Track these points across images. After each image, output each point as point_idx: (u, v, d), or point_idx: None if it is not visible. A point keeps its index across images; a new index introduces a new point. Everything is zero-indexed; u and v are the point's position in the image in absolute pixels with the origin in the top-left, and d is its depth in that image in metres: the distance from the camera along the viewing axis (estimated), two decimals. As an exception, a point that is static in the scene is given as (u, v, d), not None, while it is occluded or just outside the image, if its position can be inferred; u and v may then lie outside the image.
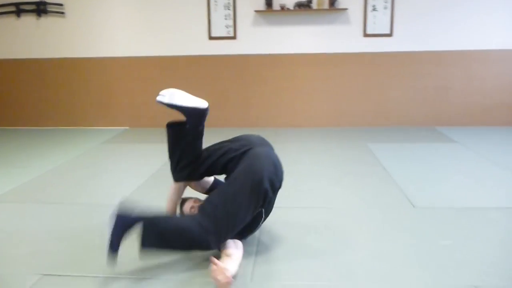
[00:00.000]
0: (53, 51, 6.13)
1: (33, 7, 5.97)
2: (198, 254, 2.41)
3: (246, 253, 2.40)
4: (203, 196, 2.61)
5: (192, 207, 2.54)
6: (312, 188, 3.57)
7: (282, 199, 3.26)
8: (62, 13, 6.00)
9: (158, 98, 2.39)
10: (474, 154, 4.53)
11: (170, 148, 2.54)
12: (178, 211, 2.63)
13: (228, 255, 2.20)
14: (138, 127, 6.20)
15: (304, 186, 3.61)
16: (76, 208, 3.23)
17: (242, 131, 5.87)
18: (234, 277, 2.10)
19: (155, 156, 4.61)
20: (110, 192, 3.58)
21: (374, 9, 5.71)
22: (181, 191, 2.61)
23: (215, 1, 5.80)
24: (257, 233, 2.67)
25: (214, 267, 2.03)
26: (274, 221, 2.79)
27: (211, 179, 2.71)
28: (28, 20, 6.07)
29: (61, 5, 5.97)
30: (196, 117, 2.44)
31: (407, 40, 5.75)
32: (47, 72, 6.19)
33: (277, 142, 4.19)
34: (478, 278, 2.16)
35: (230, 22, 5.86)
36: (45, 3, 5.93)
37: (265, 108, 6.05)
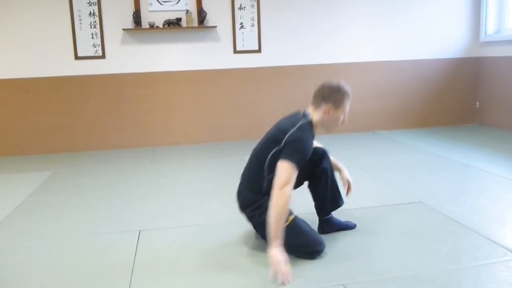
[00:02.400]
0: None
1: None
2: None
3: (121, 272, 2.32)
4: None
5: None
6: (191, 206, 3.56)
7: (161, 218, 3.23)
8: None
9: None
10: (339, 158, 4.86)
11: None
12: None
13: None
14: (-1, 156, 5.68)
15: (183, 204, 3.59)
16: None
17: (116, 152, 5.72)
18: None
19: (20, 187, 4.24)
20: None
21: (242, 27, 5.91)
22: None
23: (80, 20, 5.55)
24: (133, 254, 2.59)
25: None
26: (152, 241, 2.72)
27: None
28: None
29: None
30: None
31: (274, 55, 6.04)
32: None
33: (154, 162, 4.11)
34: (345, 276, 2.31)
35: (98, 41, 5.65)
36: None
37: (140, 128, 5.91)
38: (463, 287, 2.18)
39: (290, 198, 2.28)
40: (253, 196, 2.57)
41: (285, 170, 2.31)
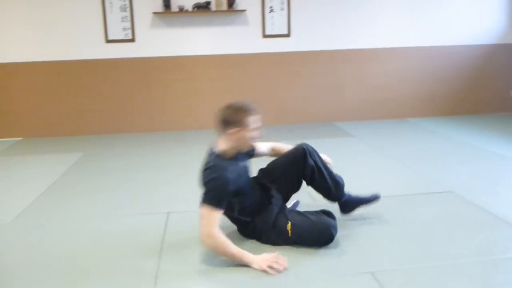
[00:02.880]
0: None
1: None
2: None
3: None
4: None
5: None
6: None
7: (189, 201, 3.26)
8: None
9: None
10: (368, 146, 4.82)
11: None
12: None
13: None
14: (33, 137, 5.81)
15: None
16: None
17: (144, 136, 5.78)
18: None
19: (52, 167, 4.35)
20: (2, 209, 3.32)
21: (272, 11, 5.85)
22: None
23: (111, 3, 5.60)
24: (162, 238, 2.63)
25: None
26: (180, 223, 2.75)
27: None
28: None
29: None
30: None
31: (304, 40, 5.97)
32: None
33: (181, 145, 4.17)
34: (373, 264, 2.30)
35: (128, 25, 5.69)
36: None
37: (167, 112, 5.96)
38: (494, 280, 2.14)
39: (216, 238, 2.28)
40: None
41: (202, 218, 2.31)
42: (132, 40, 5.72)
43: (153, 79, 5.85)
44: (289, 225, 2.49)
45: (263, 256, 2.30)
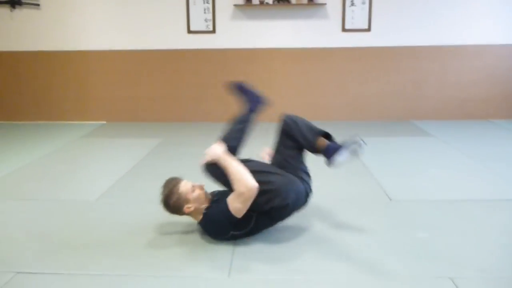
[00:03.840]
0: (28, 44, 6.00)
1: (6, -2, 5.84)
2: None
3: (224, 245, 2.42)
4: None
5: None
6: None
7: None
8: (37, 5, 5.88)
9: None
10: (449, 147, 4.61)
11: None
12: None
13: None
14: (115, 121, 6.13)
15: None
16: (53, 205, 3.18)
17: (220, 125, 5.89)
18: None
19: (133, 151, 4.57)
20: (87, 188, 3.54)
21: (353, 4, 5.74)
22: None
23: (194, -5, 5.77)
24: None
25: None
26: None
27: None
28: (2, 12, 5.93)
29: (36, -4, 5.85)
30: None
31: (384, 35, 5.80)
32: (22, 65, 6.06)
33: (257, 136, 4.21)
34: (453, 270, 2.21)
35: (209, 16, 5.82)
36: (19, -5, 5.81)
37: (244, 103, 6.03)
38: None
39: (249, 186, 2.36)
40: None
41: (237, 198, 2.40)
42: (213, 31, 5.85)
43: (231, 70, 5.95)
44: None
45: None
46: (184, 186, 2.52)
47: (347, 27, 5.80)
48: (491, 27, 5.76)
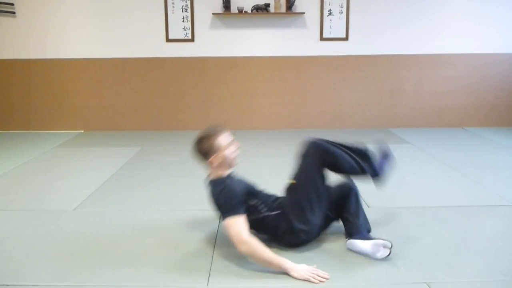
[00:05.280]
0: (4, 52, 5.91)
1: (-19, 6, 5.75)
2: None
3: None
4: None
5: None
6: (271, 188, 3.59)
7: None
8: (13, 12, 5.80)
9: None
10: (425, 154, 4.70)
11: None
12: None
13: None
14: (93, 130, 6.07)
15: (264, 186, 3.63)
16: (29, 215, 3.13)
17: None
18: None
19: (112, 160, 4.53)
20: (65, 198, 3.49)
21: (330, 14, 5.82)
22: None
23: (173, 3, 5.76)
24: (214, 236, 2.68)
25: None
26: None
27: None
28: (-24, 19, 5.85)
29: (11, 4, 5.76)
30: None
31: (362, 44, 5.90)
32: (-3, 73, 5.98)
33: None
34: (429, 275, 2.24)
35: (188, 25, 5.83)
36: (-6, 3, 5.73)
37: (223, 111, 6.05)
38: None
39: (249, 243, 2.28)
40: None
41: (229, 229, 2.34)
42: (192, 40, 5.86)
43: (210, 78, 5.96)
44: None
45: (303, 266, 2.28)
46: (224, 139, 2.56)
47: (325, 36, 5.88)
48: (464, 37, 5.91)
